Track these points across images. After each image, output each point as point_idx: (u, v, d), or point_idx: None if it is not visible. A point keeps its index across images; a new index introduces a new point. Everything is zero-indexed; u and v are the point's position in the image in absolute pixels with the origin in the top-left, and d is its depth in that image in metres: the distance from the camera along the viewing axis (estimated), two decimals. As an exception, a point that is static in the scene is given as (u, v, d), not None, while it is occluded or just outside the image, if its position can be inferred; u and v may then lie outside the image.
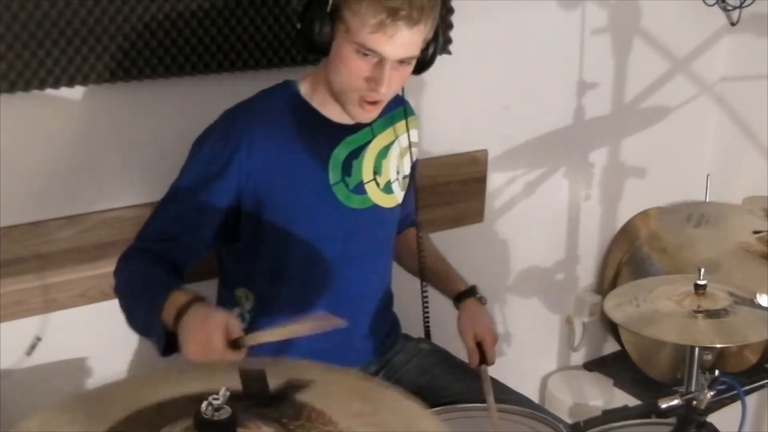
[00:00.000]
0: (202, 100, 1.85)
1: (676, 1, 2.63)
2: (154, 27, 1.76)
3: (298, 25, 1.58)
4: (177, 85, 1.85)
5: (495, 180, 2.48)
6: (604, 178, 2.74)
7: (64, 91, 1.73)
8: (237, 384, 0.96)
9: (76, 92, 1.76)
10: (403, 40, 1.52)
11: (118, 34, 1.73)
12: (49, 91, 1.71)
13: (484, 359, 1.79)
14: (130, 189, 1.87)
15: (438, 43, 1.65)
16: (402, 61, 1.56)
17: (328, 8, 1.54)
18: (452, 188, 2.37)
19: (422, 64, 1.64)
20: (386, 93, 1.58)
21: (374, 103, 1.60)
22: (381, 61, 1.54)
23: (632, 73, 2.66)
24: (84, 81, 1.72)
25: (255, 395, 0.96)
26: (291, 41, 1.93)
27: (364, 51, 1.53)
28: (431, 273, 1.92)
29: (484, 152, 2.42)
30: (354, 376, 1.15)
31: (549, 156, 2.60)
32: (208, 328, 1.33)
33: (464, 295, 1.88)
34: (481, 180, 2.43)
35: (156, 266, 1.55)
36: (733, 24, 2.72)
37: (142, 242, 1.61)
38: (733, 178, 2.80)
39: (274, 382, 0.98)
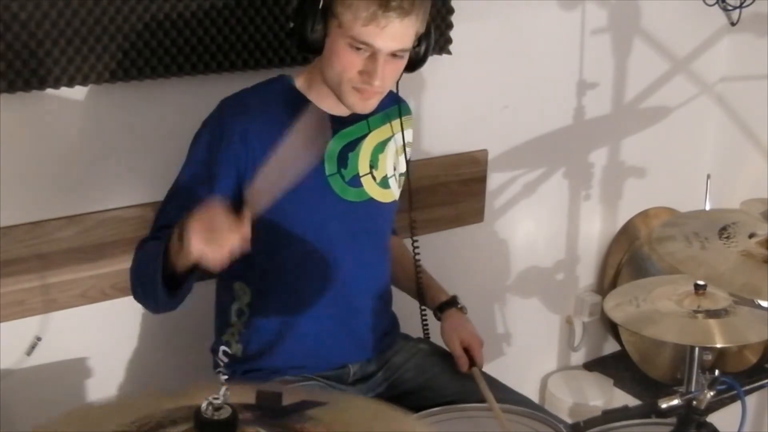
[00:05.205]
0: (202, 100, 1.84)
1: (676, 1, 2.63)
2: (154, 27, 1.76)
3: (291, 24, 1.60)
4: (177, 85, 1.85)
5: (495, 180, 2.48)
6: (604, 178, 2.74)
7: (64, 91, 1.73)
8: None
9: (76, 92, 1.75)
10: (395, 32, 1.54)
11: (118, 34, 1.73)
12: (49, 91, 1.71)
13: (473, 363, 1.82)
14: (130, 189, 1.87)
15: (430, 39, 1.66)
16: (394, 55, 1.57)
17: (320, 5, 1.56)
18: (452, 188, 2.36)
19: (415, 61, 1.66)
20: (380, 86, 1.59)
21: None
22: (374, 54, 1.55)
23: (632, 73, 2.66)
24: (84, 81, 1.72)
25: (266, 410, 0.95)
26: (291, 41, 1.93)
27: (357, 45, 1.54)
28: (411, 282, 1.93)
29: (484, 152, 2.42)
30: (370, 400, 1.13)
31: (549, 156, 2.60)
32: (210, 215, 1.36)
33: (446, 306, 1.90)
34: (481, 180, 2.43)
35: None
36: (733, 24, 2.71)
37: (151, 233, 1.63)
38: (733, 179, 2.80)
39: (288, 401, 0.97)
